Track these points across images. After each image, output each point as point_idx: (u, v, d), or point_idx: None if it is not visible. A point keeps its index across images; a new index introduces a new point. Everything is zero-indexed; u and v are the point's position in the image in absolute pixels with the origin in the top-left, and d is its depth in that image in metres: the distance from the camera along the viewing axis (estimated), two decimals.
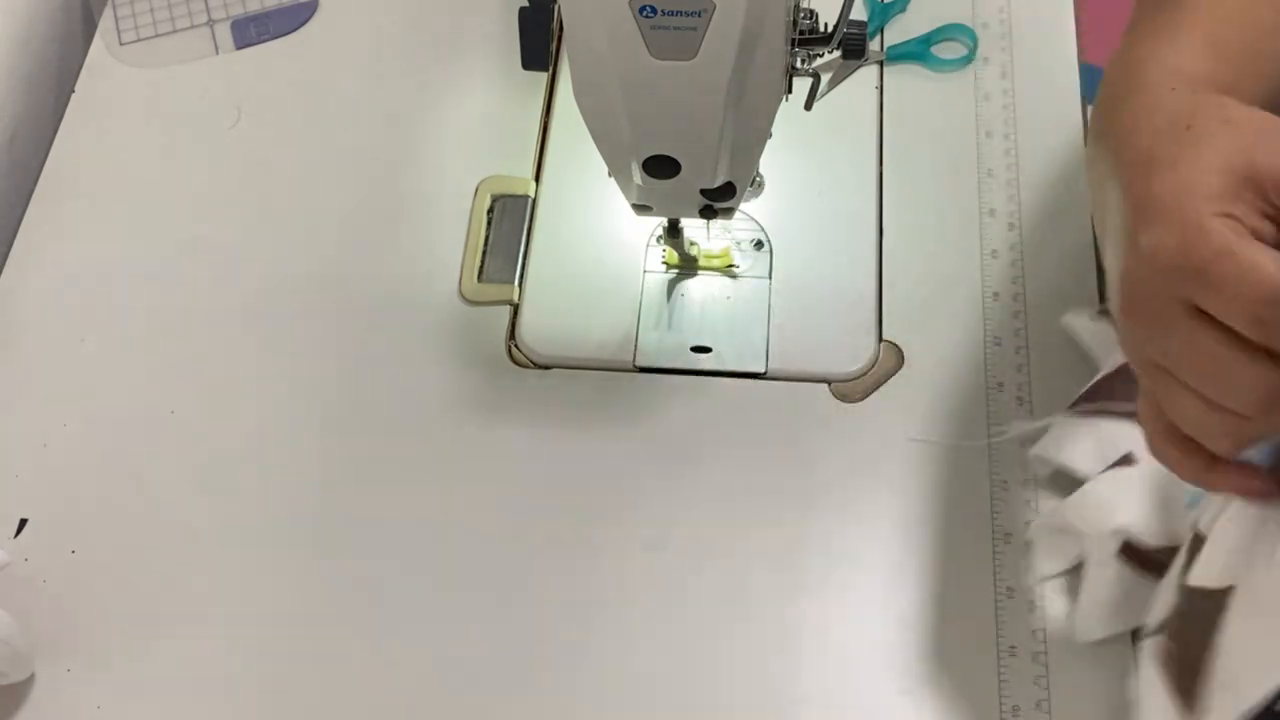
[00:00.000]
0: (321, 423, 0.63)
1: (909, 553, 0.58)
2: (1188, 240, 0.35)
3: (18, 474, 0.62)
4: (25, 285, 0.68)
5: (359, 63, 0.74)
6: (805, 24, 0.50)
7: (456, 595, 0.58)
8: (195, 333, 0.66)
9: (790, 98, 0.53)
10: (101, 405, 0.64)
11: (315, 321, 0.66)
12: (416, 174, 0.70)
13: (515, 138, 0.70)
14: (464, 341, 0.65)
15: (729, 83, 0.45)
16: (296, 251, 0.68)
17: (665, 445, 0.61)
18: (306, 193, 0.70)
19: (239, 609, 0.59)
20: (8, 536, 0.61)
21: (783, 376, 0.63)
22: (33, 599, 0.59)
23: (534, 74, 0.72)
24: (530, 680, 0.56)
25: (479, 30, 0.74)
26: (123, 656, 0.58)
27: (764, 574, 0.58)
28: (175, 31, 0.75)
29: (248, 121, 0.72)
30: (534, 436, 0.62)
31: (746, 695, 0.55)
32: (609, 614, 0.57)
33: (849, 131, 0.69)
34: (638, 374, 0.64)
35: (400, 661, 0.57)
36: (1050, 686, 0.54)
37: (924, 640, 0.56)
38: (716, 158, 0.50)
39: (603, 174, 0.54)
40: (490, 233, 0.68)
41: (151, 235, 0.69)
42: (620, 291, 0.65)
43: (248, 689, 0.57)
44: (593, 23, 0.44)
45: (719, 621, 0.57)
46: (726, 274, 0.65)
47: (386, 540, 0.60)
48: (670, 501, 0.60)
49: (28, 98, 0.76)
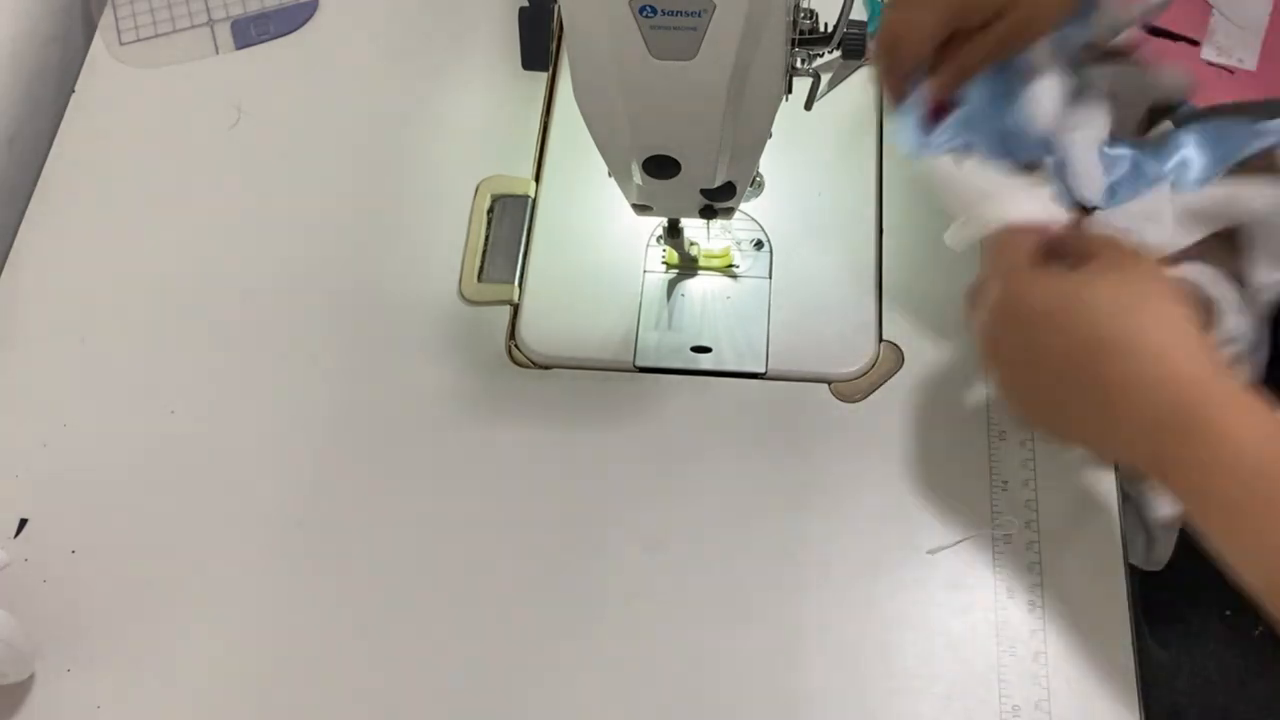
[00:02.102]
0: (321, 423, 0.63)
1: (909, 552, 0.58)
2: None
3: (18, 474, 0.62)
4: (25, 285, 0.68)
5: (359, 63, 0.74)
6: (805, 24, 0.50)
7: (456, 595, 0.58)
8: (195, 333, 0.66)
9: (790, 98, 0.53)
10: (101, 405, 0.64)
11: (315, 321, 0.66)
12: (416, 174, 0.70)
13: (515, 138, 0.70)
14: (464, 341, 0.65)
15: (729, 83, 0.45)
16: (296, 251, 0.68)
17: (665, 445, 0.61)
18: (306, 193, 0.70)
19: (239, 609, 0.59)
20: (8, 536, 0.61)
21: (783, 376, 0.63)
22: (33, 599, 0.59)
23: (534, 74, 0.72)
24: (530, 680, 0.56)
25: (479, 30, 0.74)
26: (123, 656, 0.58)
27: (764, 573, 0.58)
28: (175, 31, 0.75)
29: (248, 121, 0.72)
30: (534, 436, 0.62)
31: (746, 695, 0.55)
32: (609, 613, 0.57)
33: (849, 131, 0.69)
34: (638, 374, 0.64)
35: (400, 661, 0.57)
36: (1050, 686, 0.54)
37: (924, 639, 0.56)
38: (716, 158, 0.50)
39: (603, 174, 0.54)
40: (490, 233, 0.68)
41: (151, 235, 0.69)
42: (620, 291, 0.65)
43: (248, 689, 0.57)
44: (593, 23, 0.44)
45: (719, 621, 0.57)
46: (726, 274, 0.65)
47: (386, 540, 0.60)
48: (670, 501, 0.60)
49: (28, 98, 0.76)
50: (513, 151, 0.70)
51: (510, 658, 0.57)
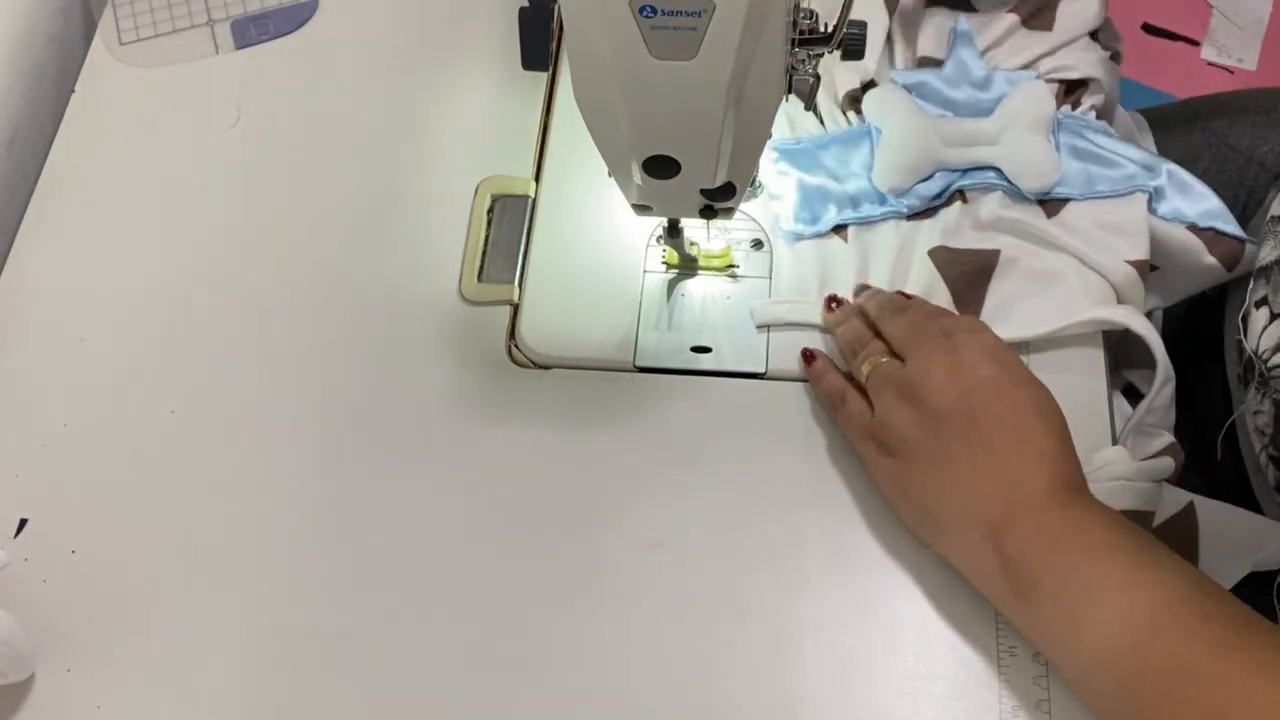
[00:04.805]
0: (321, 423, 0.63)
1: (908, 553, 0.58)
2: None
3: (18, 474, 0.62)
4: (25, 285, 0.68)
5: (359, 63, 0.74)
6: (805, 24, 0.50)
7: (456, 594, 0.58)
8: (195, 333, 0.66)
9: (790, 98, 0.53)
10: (101, 405, 0.64)
11: (315, 321, 0.66)
12: (416, 174, 0.70)
13: (515, 138, 0.70)
14: (464, 341, 0.65)
15: (729, 83, 0.45)
16: (296, 251, 0.68)
17: (665, 445, 0.61)
18: (306, 192, 0.70)
19: (239, 609, 0.59)
20: (8, 536, 0.61)
21: (783, 376, 0.63)
22: (33, 599, 0.59)
23: (534, 74, 0.72)
24: (530, 680, 0.56)
25: (479, 30, 0.74)
26: (123, 656, 0.58)
27: (764, 574, 0.58)
28: (175, 31, 0.75)
29: (248, 121, 0.72)
30: (534, 436, 0.62)
31: (746, 695, 0.55)
32: (609, 613, 0.57)
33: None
34: (638, 374, 0.64)
35: (400, 661, 0.57)
36: (1050, 686, 0.54)
37: (924, 640, 0.56)
38: (716, 158, 0.50)
39: (603, 174, 0.54)
40: (490, 233, 0.68)
41: (151, 235, 0.69)
42: (620, 291, 0.65)
43: (248, 688, 0.57)
44: (593, 23, 0.44)
45: (719, 621, 0.57)
46: (726, 274, 0.65)
47: (386, 540, 0.60)
48: (670, 501, 0.60)
49: (28, 98, 0.76)
50: (513, 151, 0.70)
51: (510, 657, 0.57)
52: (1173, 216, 0.64)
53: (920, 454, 0.54)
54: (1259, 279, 0.64)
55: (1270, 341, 0.62)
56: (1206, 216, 0.64)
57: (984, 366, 0.53)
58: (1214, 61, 1.59)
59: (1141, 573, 0.48)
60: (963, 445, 0.52)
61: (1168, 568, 0.49)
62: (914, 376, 0.54)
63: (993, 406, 0.52)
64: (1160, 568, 0.49)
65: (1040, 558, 0.50)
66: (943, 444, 0.53)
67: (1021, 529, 0.50)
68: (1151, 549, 0.49)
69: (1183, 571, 0.49)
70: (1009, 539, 0.50)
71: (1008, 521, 0.51)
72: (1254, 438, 0.64)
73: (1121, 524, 0.50)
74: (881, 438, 0.56)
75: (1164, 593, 0.47)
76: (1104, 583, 0.48)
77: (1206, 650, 0.46)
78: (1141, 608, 0.47)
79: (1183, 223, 0.64)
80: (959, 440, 0.52)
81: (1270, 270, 0.63)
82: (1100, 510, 0.51)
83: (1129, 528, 0.50)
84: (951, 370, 0.53)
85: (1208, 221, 0.64)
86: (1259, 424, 0.63)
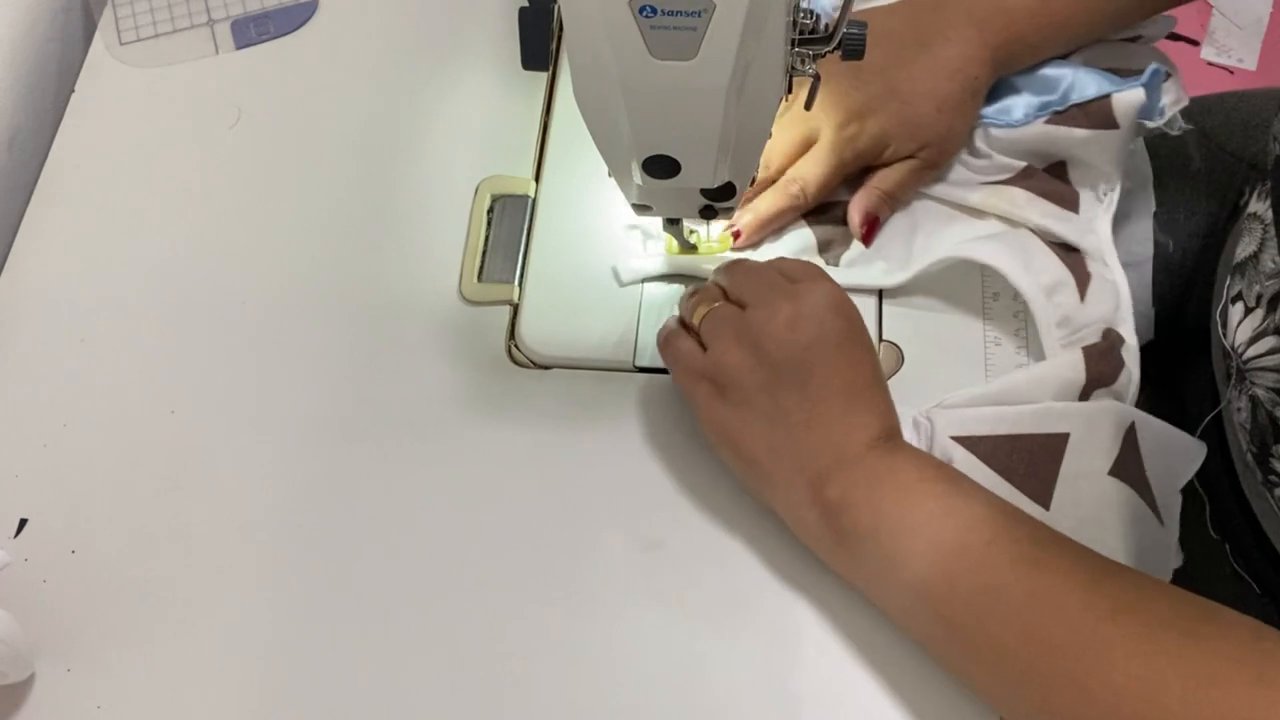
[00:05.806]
0: (321, 423, 0.63)
1: None
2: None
3: (18, 474, 0.62)
4: (25, 285, 0.68)
5: (359, 63, 0.74)
6: (805, 24, 0.50)
7: (456, 595, 0.58)
8: (195, 333, 0.66)
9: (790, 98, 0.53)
10: (101, 405, 0.64)
11: (315, 321, 0.66)
12: (416, 174, 0.70)
13: (515, 138, 0.70)
14: (464, 341, 0.65)
15: (729, 83, 0.45)
16: (296, 251, 0.68)
17: (665, 445, 0.61)
18: (306, 192, 0.70)
19: (238, 609, 0.59)
20: (8, 536, 0.61)
21: None
22: (33, 599, 0.59)
23: (534, 74, 0.72)
24: (529, 679, 0.56)
25: (479, 30, 0.74)
26: (123, 656, 0.58)
27: (764, 574, 0.58)
28: (175, 31, 0.75)
29: (248, 121, 0.72)
30: (534, 436, 0.62)
31: (746, 695, 0.55)
32: (608, 614, 0.57)
33: None
34: (638, 374, 0.64)
35: (399, 661, 0.57)
36: None
37: None
38: (716, 158, 0.50)
39: (603, 174, 0.54)
40: (490, 233, 0.68)
41: (151, 235, 0.69)
42: (620, 291, 0.65)
43: (248, 689, 0.57)
44: (593, 23, 0.44)
45: (719, 621, 0.57)
46: None
47: (386, 540, 0.60)
48: (670, 501, 0.60)
49: (28, 98, 0.76)
50: (513, 151, 0.70)
51: (508, 656, 0.57)
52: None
53: (754, 404, 0.54)
54: (1235, 274, 0.64)
55: (1245, 336, 0.62)
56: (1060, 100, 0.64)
57: (827, 319, 0.54)
58: (1214, 61, 1.59)
59: (947, 501, 0.50)
60: (797, 399, 0.53)
61: (973, 496, 0.51)
62: (755, 322, 0.54)
63: (831, 361, 0.53)
64: (965, 496, 0.51)
65: (859, 502, 0.52)
66: (777, 397, 0.53)
67: (843, 477, 0.52)
68: (958, 481, 0.52)
69: (985, 499, 0.51)
70: (830, 488, 0.52)
71: (832, 471, 0.52)
72: (1239, 434, 0.64)
73: (932, 463, 0.53)
74: (715, 378, 0.56)
75: (968, 518, 0.50)
76: (914, 515, 0.50)
77: (1009, 568, 0.48)
78: (950, 534, 0.49)
79: (1041, 117, 0.64)
80: (794, 393, 0.53)
81: (1245, 266, 0.63)
82: (912, 451, 0.54)
83: (939, 465, 0.53)
84: (793, 320, 0.53)
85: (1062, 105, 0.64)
86: (1240, 420, 0.63)
